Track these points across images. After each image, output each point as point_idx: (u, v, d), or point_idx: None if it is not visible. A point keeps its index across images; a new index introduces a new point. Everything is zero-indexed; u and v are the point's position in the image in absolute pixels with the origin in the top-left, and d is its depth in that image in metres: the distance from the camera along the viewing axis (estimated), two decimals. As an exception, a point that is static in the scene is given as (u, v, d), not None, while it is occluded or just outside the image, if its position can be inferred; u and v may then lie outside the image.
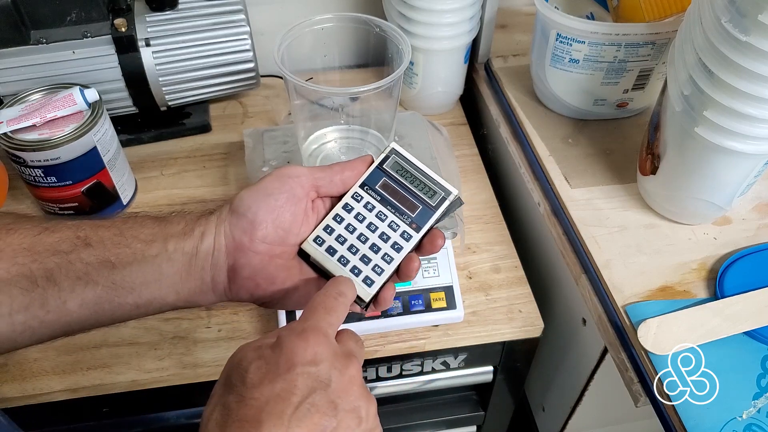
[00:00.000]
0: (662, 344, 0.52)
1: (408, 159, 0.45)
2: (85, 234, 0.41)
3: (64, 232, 0.41)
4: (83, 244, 0.41)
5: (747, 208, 0.65)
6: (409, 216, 0.43)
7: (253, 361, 0.35)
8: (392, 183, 0.44)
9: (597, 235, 0.62)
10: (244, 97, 0.87)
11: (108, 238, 0.41)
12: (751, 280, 0.56)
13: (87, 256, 0.41)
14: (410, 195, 0.44)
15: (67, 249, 0.41)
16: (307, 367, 0.35)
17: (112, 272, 0.41)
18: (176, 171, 0.76)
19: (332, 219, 0.44)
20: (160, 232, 0.42)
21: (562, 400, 0.74)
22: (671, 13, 0.66)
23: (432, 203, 0.44)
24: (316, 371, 0.35)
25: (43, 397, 0.58)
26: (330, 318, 0.38)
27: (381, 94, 0.56)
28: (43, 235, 0.41)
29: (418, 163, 0.45)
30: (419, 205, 0.44)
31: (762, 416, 0.48)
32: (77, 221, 0.43)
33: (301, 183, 0.43)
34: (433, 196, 0.44)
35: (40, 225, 0.42)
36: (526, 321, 0.63)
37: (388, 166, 0.44)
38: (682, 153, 0.56)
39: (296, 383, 0.34)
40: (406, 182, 0.44)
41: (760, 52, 0.45)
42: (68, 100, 0.63)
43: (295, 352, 0.35)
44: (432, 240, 0.44)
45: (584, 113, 0.75)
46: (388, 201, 0.44)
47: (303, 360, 0.35)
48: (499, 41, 0.86)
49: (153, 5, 0.72)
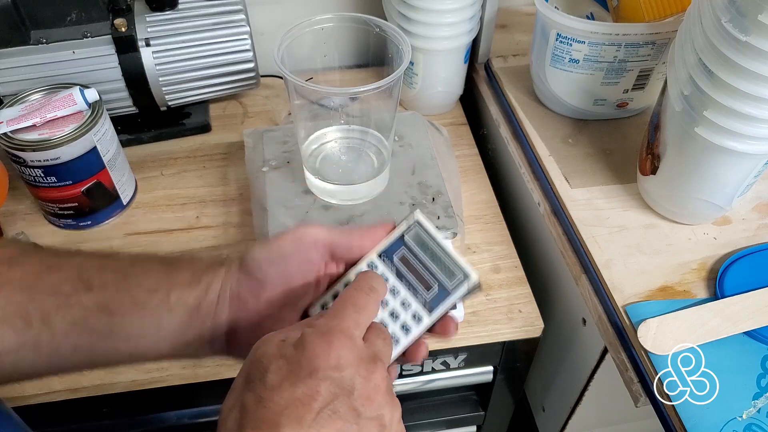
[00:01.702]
0: (662, 344, 0.52)
1: (431, 233, 0.42)
2: (89, 276, 0.40)
3: (67, 271, 0.40)
4: (85, 287, 0.40)
5: (747, 208, 0.65)
6: (424, 296, 0.40)
7: (274, 360, 0.34)
8: (411, 257, 0.41)
9: (597, 235, 0.62)
10: (244, 97, 0.87)
11: (111, 283, 0.40)
12: (751, 280, 0.56)
13: (87, 301, 0.39)
14: (428, 273, 0.41)
15: (68, 291, 0.39)
16: (330, 373, 0.33)
17: (110, 320, 0.39)
18: (176, 171, 0.76)
19: (342, 286, 0.41)
20: (165, 281, 0.41)
21: (562, 400, 0.74)
22: (671, 13, 0.66)
23: (450, 285, 0.40)
24: (340, 377, 0.33)
25: (43, 397, 0.58)
26: (359, 317, 0.36)
27: (381, 94, 0.56)
28: (45, 273, 0.40)
29: (440, 240, 0.41)
30: (435, 285, 0.40)
31: (762, 416, 0.48)
32: (83, 258, 0.42)
33: (317, 248, 0.41)
34: (452, 278, 0.40)
35: (44, 261, 0.41)
36: (526, 321, 0.63)
37: (410, 238, 0.42)
38: (682, 153, 0.56)
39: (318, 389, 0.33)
40: (426, 258, 0.41)
41: (760, 52, 0.45)
42: (68, 100, 0.63)
43: (319, 356, 0.33)
44: (444, 327, 0.41)
45: (584, 113, 0.75)
46: (403, 275, 0.41)
47: (326, 365, 0.33)
48: (499, 41, 0.86)
49: (153, 5, 0.72)
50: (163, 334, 0.40)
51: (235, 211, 0.72)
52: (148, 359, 0.41)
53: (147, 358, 0.41)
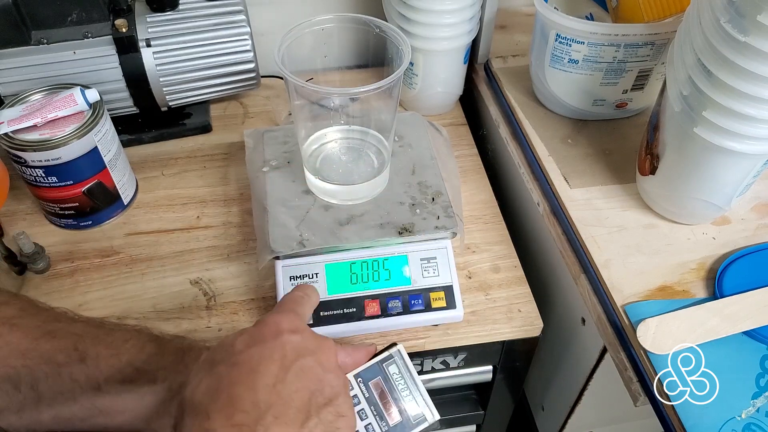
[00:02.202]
0: (661, 344, 0.52)
1: (408, 367, 0.45)
2: (84, 347, 0.41)
3: (63, 340, 0.41)
4: (78, 359, 0.41)
5: (746, 208, 0.65)
6: (387, 424, 0.43)
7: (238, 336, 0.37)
8: (385, 386, 0.44)
9: (596, 235, 0.62)
10: (245, 97, 0.87)
11: (104, 358, 0.41)
12: (750, 279, 0.57)
13: (77, 373, 0.40)
14: (396, 404, 0.44)
15: (62, 361, 0.40)
16: (291, 336, 0.37)
17: (96, 396, 0.41)
18: (177, 171, 0.77)
19: None
20: (156, 361, 0.42)
21: (561, 400, 0.74)
22: (670, 14, 0.66)
23: (413, 420, 0.43)
24: (301, 338, 0.37)
25: (44, 397, 0.58)
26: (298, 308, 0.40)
27: (381, 94, 0.56)
28: (42, 339, 0.41)
29: (415, 376, 0.45)
30: (400, 417, 0.43)
31: (761, 415, 0.48)
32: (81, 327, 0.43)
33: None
34: (415, 414, 0.44)
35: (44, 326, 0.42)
36: (526, 320, 0.63)
37: (388, 366, 0.45)
38: (681, 153, 0.56)
39: (285, 346, 0.36)
40: (398, 389, 0.44)
41: (759, 53, 0.45)
42: (69, 101, 0.63)
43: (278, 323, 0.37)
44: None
45: (583, 113, 0.75)
46: (373, 401, 0.43)
47: (288, 329, 0.37)
48: (498, 42, 0.86)
49: (154, 6, 0.72)
50: (142, 413, 0.42)
51: (235, 211, 0.72)
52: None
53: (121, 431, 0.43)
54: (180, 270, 0.66)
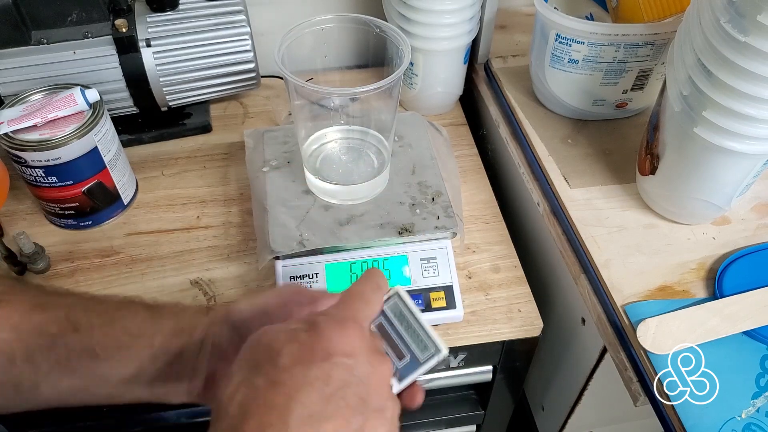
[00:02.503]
0: (661, 344, 0.52)
1: (409, 307, 0.44)
2: (76, 317, 0.41)
3: (55, 312, 0.41)
4: (72, 328, 0.40)
5: (746, 208, 0.65)
6: (396, 364, 0.42)
7: (287, 343, 0.33)
8: (387, 326, 0.43)
9: (596, 235, 0.62)
10: (245, 97, 0.87)
11: (97, 326, 0.41)
12: (750, 279, 0.57)
13: (72, 342, 0.40)
14: (402, 343, 0.43)
15: (55, 331, 0.40)
16: (344, 359, 0.33)
17: (93, 362, 0.40)
18: (177, 171, 0.77)
19: None
20: (150, 327, 0.41)
21: (561, 400, 0.74)
22: (670, 14, 0.66)
23: (421, 357, 0.42)
24: (353, 364, 0.33)
25: (44, 397, 0.58)
26: (367, 311, 0.37)
27: (381, 94, 0.56)
28: (33, 312, 0.40)
29: (417, 314, 0.44)
30: (407, 355, 0.42)
31: (761, 415, 0.48)
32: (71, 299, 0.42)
33: (301, 307, 0.42)
34: (423, 351, 0.42)
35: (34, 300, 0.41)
36: (526, 320, 0.63)
37: (389, 308, 0.44)
38: (681, 153, 0.56)
39: (331, 374, 0.33)
40: (402, 329, 0.43)
41: (759, 53, 0.45)
42: (69, 101, 0.63)
43: (333, 341, 0.33)
44: (412, 395, 0.42)
45: (583, 113, 0.75)
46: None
47: (341, 350, 0.33)
48: (498, 42, 0.86)
49: (153, 6, 0.72)
50: (144, 379, 0.41)
51: (235, 211, 0.72)
52: (123, 401, 0.42)
53: (123, 400, 0.42)
54: (180, 270, 0.66)
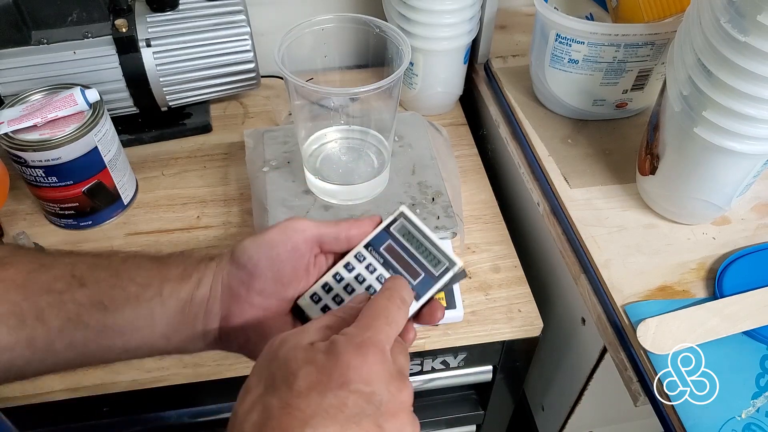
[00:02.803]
0: (661, 344, 0.52)
1: (416, 224, 0.43)
2: (81, 273, 0.40)
3: (59, 269, 0.40)
4: (78, 284, 0.40)
5: (746, 208, 0.65)
6: (411, 283, 0.42)
7: (304, 365, 0.33)
8: (397, 247, 0.43)
9: (596, 235, 0.62)
10: (245, 97, 0.87)
11: (103, 279, 0.41)
12: (750, 279, 0.57)
13: (80, 297, 0.40)
14: (414, 261, 0.42)
15: (61, 288, 0.40)
16: (361, 386, 0.32)
17: (103, 315, 0.40)
18: (177, 171, 0.77)
19: (331, 277, 0.42)
20: (157, 275, 0.41)
21: (561, 400, 0.74)
22: (670, 14, 0.66)
23: (435, 273, 0.42)
24: (370, 392, 0.33)
25: (44, 397, 0.58)
26: (390, 331, 0.36)
27: (381, 94, 0.56)
28: (38, 271, 0.40)
29: (425, 230, 0.43)
30: (422, 272, 0.42)
31: (761, 415, 0.48)
32: (74, 258, 0.42)
33: (305, 237, 0.41)
34: (437, 266, 0.42)
35: (36, 260, 0.41)
36: (526, 320, 0.63)
37: (395, 229, 0.43)
38: (681, 153, 0.56)
39: (347, 401, 0.32)
40: (412, 248, 0.43)
41: (759, 53, 0.45)
42: (69, 101, 0.63)
43: (352, 367, 0.32)
44: (431, 311, 0.42)
45: (583, 113, 0.75)
46: (390, 264, 0.42)
47: (359, 378, 0.32)
48: (498, 42, 0.86)
49: (154, 6, 0.72)
50: (157, 328, 0.41)
51: (235, 211, 0.72)
52: (142, 354, 0.42)
53: (141, 353, 0.42)
54: (180, 270, 0.66)
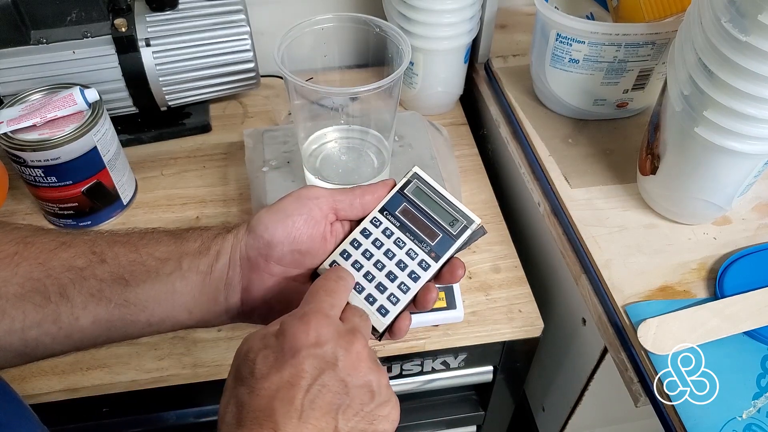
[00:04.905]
0: (662, 344, 0.52)
1: (430, 184, 0.43)
2: (101, 250, 0.41)
3: (79, 247, 0.41)
4: (98, 260, 0.41)
5: (747, 208, 0.65)
6: (429, 244, 0.42)
7: (260, 351, 0.35)
8: (413, 209, 0.43)
9: (597, 235, 0.62)
10: (245, 97, 0.87)
11: (123, 255, 0.41)
12: (751, 280, 0.56)
13: (101, 273, 0.40)
14: (431, 222, 0.42)
15: (82, 265, 0.40)
16: (311, 350, 0.35)
17: (125, 290, 0.40)
18: (176, 171, 0.77)
19: (349, 244, 0.42)
20: (175, 250, 0.42)
21: (562, 400, 0.74)
22: (671, 13, 0.66)
23: (453, 231, 0.42)
24: (322, 352, 0.35)
25: (43, 397, 0.58)
26: (331, 299, 0.38)
27: (381, 94, 0.56)
28: (59, 249, 0.41)
29: (440, 189, 0.43)
30: (440, 233, 0.42)
31: (762, 416, 0.48)
32: (93, 235, 0.43)
33: (320, 205, 0.42)
34: (454, 224, 0.42)
35: (57, 239, 0.42)
36: (526, 321, 0.63)
37: (410, 192, 0.43)
38: (682, 153, 0.56)
39: (303, 367, 0.34)
40: (427, 209, 0.43)
41: (760, 52, 0.45)
42: (68, 100, 0.63)
43: (298, 337, 0.35)
44: (452, 270, 0.42)
45: (584, 113, 0.75)
46: (407, 227, 0.42)
47: (307, 343, 0.35)
48: (499, 41, 0.86)
49: (153, 5, 0.72)
50: (178, 302, 0.41)
51: (235, 211, 0.72)
52: (165, 329, 0.42)
53: (164, 328, 0.42)
54: (179, 270, 0.65)
